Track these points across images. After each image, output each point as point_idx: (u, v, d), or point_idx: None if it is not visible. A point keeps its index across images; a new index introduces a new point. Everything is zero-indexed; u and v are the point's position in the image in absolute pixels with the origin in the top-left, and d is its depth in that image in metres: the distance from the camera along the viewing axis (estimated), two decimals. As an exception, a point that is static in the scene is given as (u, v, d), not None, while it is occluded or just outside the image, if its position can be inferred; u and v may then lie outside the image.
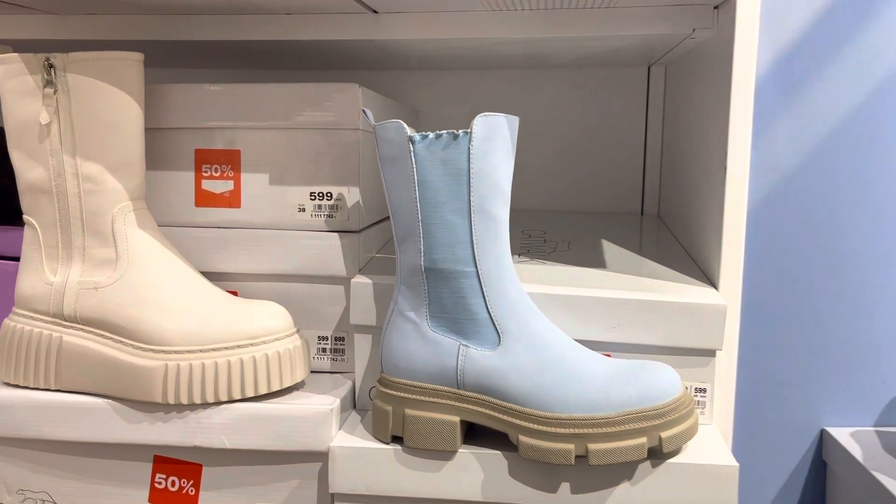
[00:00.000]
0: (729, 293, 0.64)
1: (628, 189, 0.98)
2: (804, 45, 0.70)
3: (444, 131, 0.56)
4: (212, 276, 0.68)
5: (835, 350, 0.74)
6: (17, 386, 0.64)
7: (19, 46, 0.62)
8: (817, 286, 0.72)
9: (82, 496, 0.64)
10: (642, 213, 0.98)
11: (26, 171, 0.63)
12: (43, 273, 0.64)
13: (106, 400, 0.62)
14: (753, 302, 0.70)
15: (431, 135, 0.56)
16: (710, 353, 0.62)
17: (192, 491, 0.63)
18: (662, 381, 0.56)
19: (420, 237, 0.58)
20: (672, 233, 0.87)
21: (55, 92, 0.61)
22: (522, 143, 0.97)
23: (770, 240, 0.70)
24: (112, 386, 0.62)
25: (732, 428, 0.66)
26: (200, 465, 0.63)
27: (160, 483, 0.64)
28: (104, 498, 0.64)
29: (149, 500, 0.64)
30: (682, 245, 0.80)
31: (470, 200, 0.57)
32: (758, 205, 0.70)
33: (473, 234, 0.57)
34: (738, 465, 0.57)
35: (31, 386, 0.64)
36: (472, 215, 0.57)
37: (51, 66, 0.61)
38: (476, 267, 0.57)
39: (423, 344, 0.59)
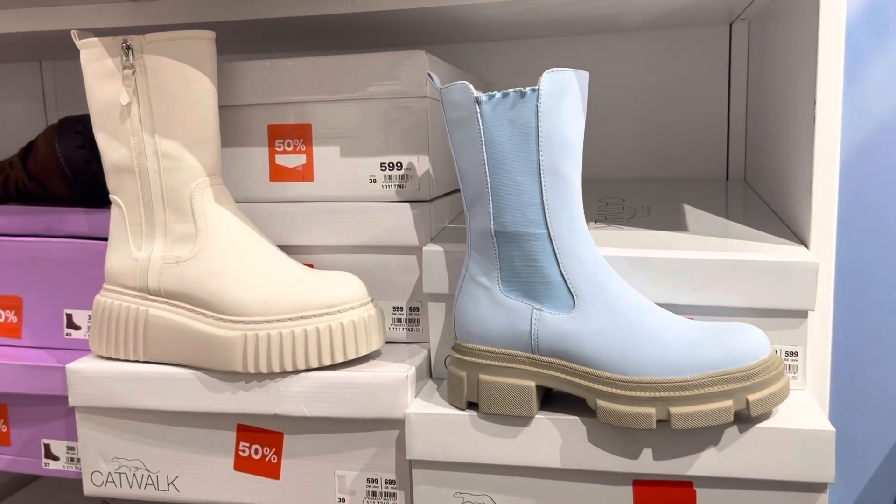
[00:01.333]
0: (821, 250, 0.61)
1: (712, 154, 0.93)
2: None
3: (511, 90, 0.55)
4: (287, 250, 0.69)
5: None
6: (108, 358, 0.67)
7: (100, 34, 0.64)
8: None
9: (173, 463, 0.66)
10: (727, 179, 0.94)
11: (110, 151, 0.66)
12: (129, 249, 0.66)
13: (191, 370, 0.64)
14: (849, 260, 0.66)
15: (498, 94, 0.55)
16: (802, 315, 0.59)
17: (274, 459, 0.65)
18: (749, 342, 0.53)
19: (489, 200, 0.57)
20: (760, 196, 0.83)
21: (133, 73, 0.63)
22: (597, 110, 0.94)
23: (865, 193, 0.65)
24: (196, 356, 0.64)
25: (829, 394, 0.62)
26: (282, 434, 0.64)
27: (244, 451, 0.65)
28: (193, 465, 0.66)
29: (234, 468, 0.65)
30: (771, 208, 0.76)
31: (539, 160, 0.55)
32: (851, 156, 0.65)
33: (544, 194, 0.56)
34: (834, 429, 0.53)
35: (122, 358, 0.66)
36: (542, 175, 0.55)
37: (128, 47, 0.63)
38: (548, 229, 0.56)
39: (495, 309, 0.58)
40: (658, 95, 0.94)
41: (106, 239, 0.75)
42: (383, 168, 0.68)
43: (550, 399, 0.60)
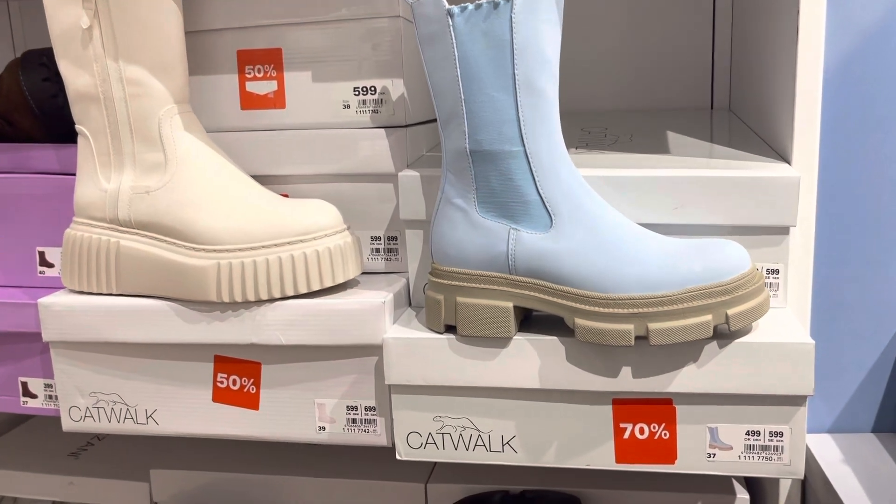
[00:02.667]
0: (803, 165, 0.59)
1: (697, 82, 0.92)
2: None
3: (484, 1, 0.53)
4: (261, 180, 0.67)
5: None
6: (81, 292, 0.66)
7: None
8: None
9: (151, 397, 0.66)
10: (712, 108, 0.92)
11: (73, 79, 0.64)
12: (98, 181, 0.65)
13: (165, 301, 0.63)
14: (832, 176, 0.65)
15: (471, 6, 0.53)
16: (784, 231, 0.58)
17: (252, 389, 0.64)
18: (728, 256, 0.53)
19: (464, 118, 0.55)
20: (745, 124, 0.81)
21: (94, -5, 0.61)
22: (578, 40, 0.92)
23: (849, 108, 0.64)
24: (169, 287, 0.63)
25: (810, 312, 0.62)
26: (259, 364, 0.64)
27: (222, 382, 0.64)
28: (171, 398, 0.65)
29: (213, 399, 0.65)
30: (756, 134, 0.75)
31: (515, 75, 0.53)
32: (834, 70, 0.64)
33: (520, 110, 0.54)
34: (813, 342, 0.53)
35: (95, 291, 0.65)
36: (518, 91, 0.54)
37: (87, -32, 0.61)
38: (524, 146, 0.55)
39: (472, 230, 0.57)
40: (641, 24, 0.91)
41: (75, 174, 0.73)
42: (357, 93, 0.66)
43: (529, 321, 0.59)
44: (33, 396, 0.73)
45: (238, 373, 0.64)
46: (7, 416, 0.98)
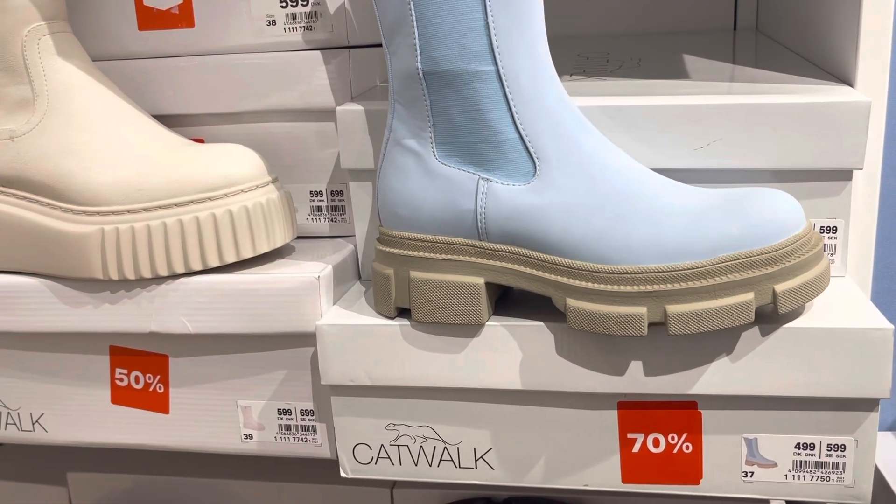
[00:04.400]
0: (871, 89, 0.45)
1: (716, -1, 0.76)
2: None
3: None
4: (167, 121, 0.53)
5: None
6: (-61, 267, 0.52)
7: None
8: None
9: (36, 398, 0.52)
10: (735, 28, 0.77)
11: None
12: (-50, 124, 0.50)
13: (41, 279, 0.49)
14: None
15: None
16: (846, 177, 0.44)
17: (160, 388, 0.51)
18: (776, 211, 0.38)
19: (414, 27, 0.40)
20: (781, 43, 0.66)
21: None
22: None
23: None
24: (43, 261, 0.49)
25: (871, 282, 0.48)
26: (166, 357, 0.50)
27: (121, 380, 0.51)
28: (61, 399, 0.52)
29: (112, 401, 0.51)
30: (797, 53, 0.60)
31: (481, -37, 0.38)
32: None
33: (489, 14, 0.39)
34: (892, 327, 0.39)
35: (-47, 265, 0.51)
36: (486, -14, 0.39)
37: None
38: (496, 64, 0.40)
39: (429, 181, 0.42)
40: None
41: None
42: (283, 4, 0.51)
43: (506, 301, 0.45)
44: None
45: (141, 368, 0.51)
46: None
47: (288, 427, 0.49)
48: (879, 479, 0.50)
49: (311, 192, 0.54)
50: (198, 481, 0.65)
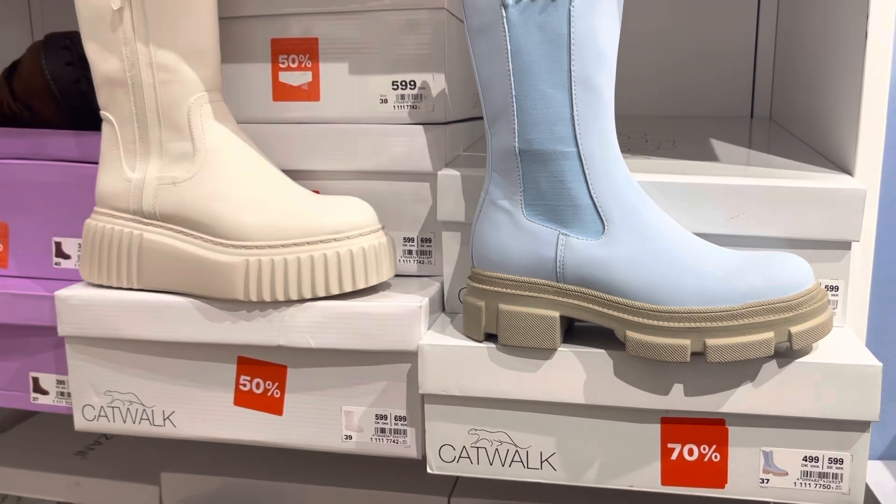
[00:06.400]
0: (867, 178, 0.56)
1: (736, 90, 0.89)
2: None
3: (542, -8, 0.50)
4: (292, 175, 0.64)
5: None
6: (100, 286, 0.63)
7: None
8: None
9: (169, 398, 0.63)
10: (752, 116, 0.89)
11: (101, 62, 0.61)
12: (122, 170, 0.62)
13: (189, 298, 0.60)
14: (891, 192, 0.62)
15: (527, -3, 0.50)
16: (845, 247, 0.55)
17: (277, 393, 0.61)
18: (792, 271, 0.50)
19: (514, 115, 0.52)
20: (791, 132, 0.78)
21: (126, -25, 0.58)
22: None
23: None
24: (194, 283, 0.60)
25: (866, 332, 0.59)
26: (285, 367, 0.61)
27: (245, 385, 0.61)
28: (190, 400, 0.62)
29: (234, 402, 0.62)
30: (804, 142, 0.72)
31: (571, 70, 0.50)
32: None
33: (575, 109, 0.51)
34: (881, 364, 0.50)
35: (115, 285, 0.62)
36: (574, 87, 0.51)
37: (120, -53, 0.58)
38: (577, 147, 0.52)
39: (518, 234, 0.54)
40: (680, 27, 0.89)
41: (95, 162, 0.70)
42: (395, 87, 0.63)
43: (572, 331, 0.56)
44: (44, 393, 0.70)
45: (262, 376, 0.61)
46: (11, 412, 0.95)
47: (383, 430, 0.60)
48: (870, 498, 0.60)
49: (404, 238, 0.65)
50: (280, 485, 0.75)
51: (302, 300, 0.58)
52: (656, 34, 0.89)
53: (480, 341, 0.55)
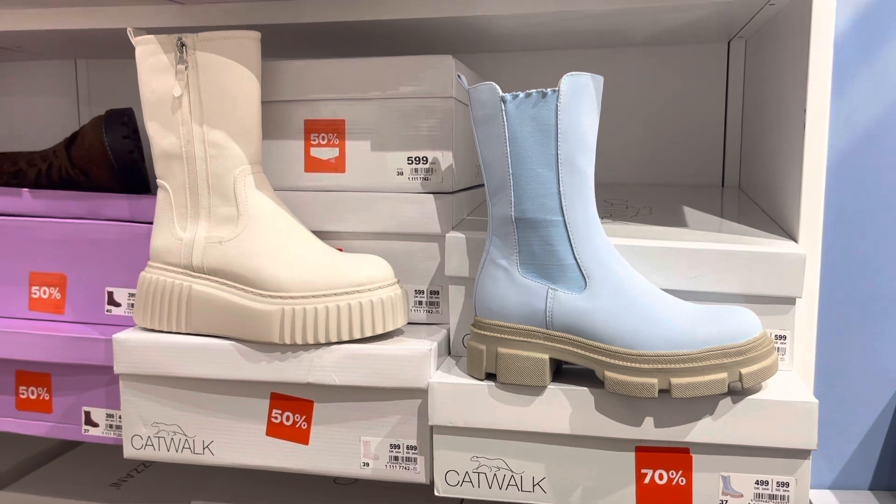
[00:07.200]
0: (808, 243, 0.67)
1: (709, 161, 1.00)
2: (883, 2, 0.72)
3: (534, 90, 0.61)
4: (320, 235, 0.75)
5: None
6: (152, 330, 0.73)
7: (153, 33, 0.70)
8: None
9: (209, 428, 0.72)
10: (723, 185, 1.00)
11: (160, 139, 0.72)
12: (174, 230, 0.72)
13: (230, 341, 0.70)
14: (835, 253, 0.72)
15: (521, 94, 0.61)
16: (790, 302, 0.65)
17: (304, 425, 0.70)
18: (742, 322, 0.59)
19: (511, 190, 0.63)
20: (753, 201, 0.89)
21: (186, 68, 0.69)
22: (603, 118, 1.01)
23: (851, 196, 0.72)
24: (235, 328, 0.69)
25: (814, 375, 0.68)
26: (312, 402, 0.70)
27: (276, 418, 0.71)
28: (228, 430, 0.71)
29: (266, 433, 0.71)
30: (763, 211, 0.83)
31: (557, 154, 0.61)
32: (837, 162, 0.72)
33: (561, 185, 0.62)
34: (817, 401, 0.59)
35: (165, 330, 0.72)
36: (560, 168, 0.61)
37: (182, 45, 0.69)
38: (563, 216, 0.62)
39: (514, 288, 0.64)
40: (660, 106, 1.00)
41: (145, 222, 0.80)
42: (410, 162, 0.74)
43: (560, 371, 0.66)
44: (94, 425, 0.79)
45: (292, 409, 0.70)
46: (51, 445, 1.03)
47: (396, 458, 0.69)
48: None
49: (416, 290, 0.75)
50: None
51: (328, 343, 0.67)
52: (642, 114, 1.00)
53: (482, 380, 0.65)
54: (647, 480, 0.63)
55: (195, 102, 0.70)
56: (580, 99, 0.61)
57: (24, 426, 0.80)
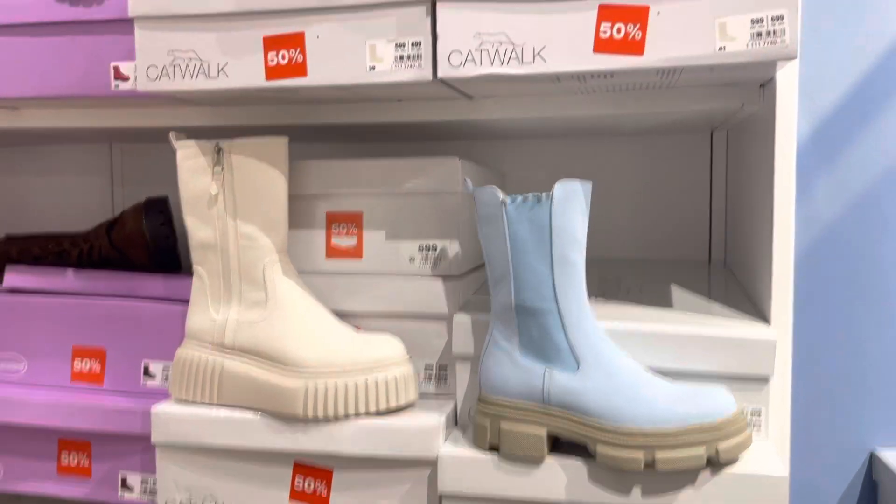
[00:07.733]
0: (780, 327, 0.74)
1: (696, 240, 1.08)
2: (838, 114, 0.81)
3: (530, 195, 0.69)
4: (340, 314, 0.83)
5: (882, 377, 0.82)
6: (186, 401, 0.80)
7: (186, 132, 0.80)
8: (862, 319, 0.81)
9: (237, 494, 0.78)
10: (710, 262, 1.08)
11: (197, 231, 0.80)
12: (208, 312, 0.80)
13: (258, 413, 0.77)
14: (806, 335, 0.80)
15: (520, 198, 0.70)
16: (764, 380, 0.72)
17: (324, 492, 0.77)
18: (719, 401, 0.67)
19: (511, 281, 0.71)
20: (736, 278, 0.97)
21: (222, 170, 0.78)
22: (598, 201, 1.09)
23: (819, 280, 0.80)
24: (263, 402, 0.77)
25: (789, 447, 0.75)
26: (332, 470, 0.77)
27: (299, 484, 0.77)
28: (254, 496, 0.78)
29: (289, 498, 0.77)
30: (743, 288, 0.90)
31: (552, 250, 0.69)
32: (806, 251, 0.80)
33: (555, 277, 0.70)
34: (786, 474, 0.66)
35: (199, 401, 0.79)
36: (554, 262, 0.69)
37: (219, 149, 0.78)
38: (557, 305, 0.70)
39: (514, 369, 0.71)
40: (650, 191, 1.09)
41: (179, 300, 0.88)
42: (420, 249, 0.82)
43: (558, 444, 0.73)
44: (130, 490, 0.85)
45: (313, 476, 0.77)
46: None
47: (408, 522, 0.75)
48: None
49: (425, 365, 0.83)
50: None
51: (347, 416, 0.75)
52: (634, 198, 1.09)
53: (486, 451, 0.72)
54: (636, 544, 0.69)
55: (229, 200, 0.78)
56: (571, 202, 0.69)
57: (65, 490, 0.87)
